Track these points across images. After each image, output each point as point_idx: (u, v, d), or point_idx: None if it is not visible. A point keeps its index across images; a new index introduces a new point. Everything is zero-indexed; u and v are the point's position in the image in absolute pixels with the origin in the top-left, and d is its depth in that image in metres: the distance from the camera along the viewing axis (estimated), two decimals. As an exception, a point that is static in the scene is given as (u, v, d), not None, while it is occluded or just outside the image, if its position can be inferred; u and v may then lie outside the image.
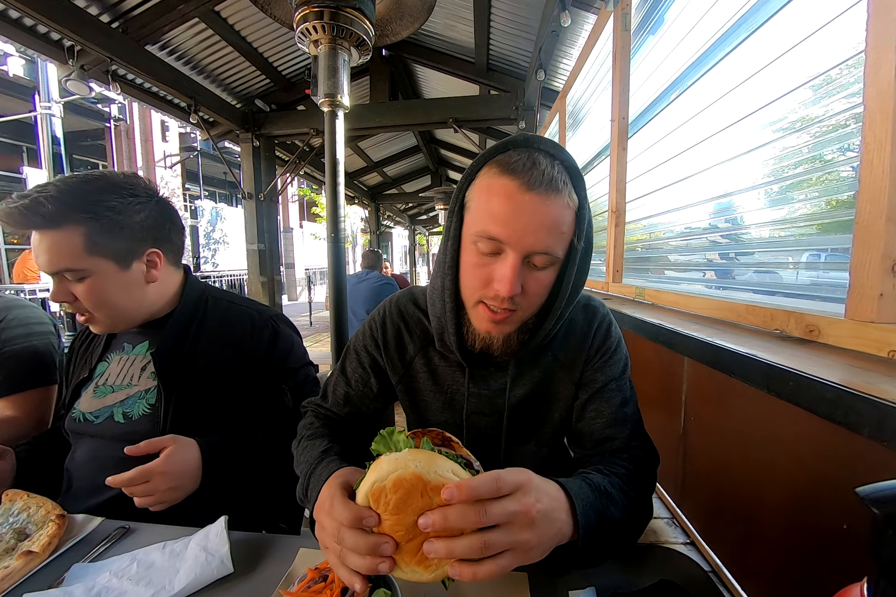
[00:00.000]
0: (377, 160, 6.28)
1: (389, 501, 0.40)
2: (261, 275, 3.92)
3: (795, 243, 0.95)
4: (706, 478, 1.44)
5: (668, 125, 1.46)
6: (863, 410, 0.47)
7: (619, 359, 0.70)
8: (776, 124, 0.96)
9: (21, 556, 0.57)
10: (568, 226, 0.55)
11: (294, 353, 0.93)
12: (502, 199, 0.54)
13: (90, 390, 0.85)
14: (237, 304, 0.93)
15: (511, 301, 0.56)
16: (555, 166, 0.54)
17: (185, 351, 0.84)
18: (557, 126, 3.02)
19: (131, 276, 0.79)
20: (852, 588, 0.25)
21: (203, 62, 2.96)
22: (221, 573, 0.55)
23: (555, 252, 0.55)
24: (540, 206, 0.53)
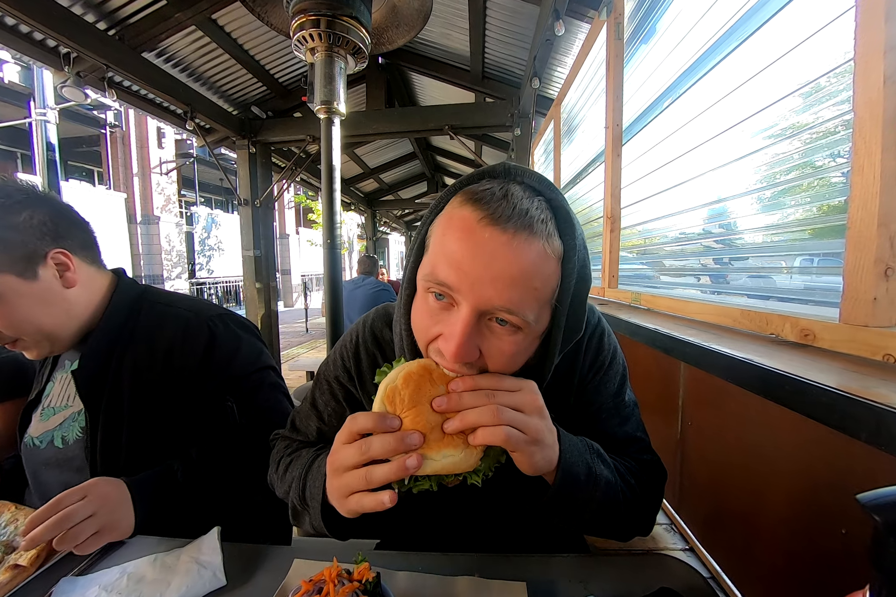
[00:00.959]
0: (373, 167, 6.31)
1: (404, 397, 0.42)
2: (256, 281, 3.91)
3: (788, 248, 0.96)
4: (704, 483, 1.44)
5: (661, 132, 1.48)
6: (860, 414, 0.47)
7: (614, 373, 0.63)
8: (767, 131, 0.97)
9: (8, 569, 0.56)
10: (544, 280, 0.42)
11: (239, 358, 0.80)
12: (459, 233, 0.42)
13: (38, 413, 0.79)
14: (174, 306, 0.81)
15: (467, 366, 0.45)
16: (534, 201, 0.42)
17: (110, 367, 0.74)
18: (552, 133, 3.05)
19: (43, 285, 0.68)
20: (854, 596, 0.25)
21: (199, 69, 2.98)
22: (214, 586, 0.54)
23: (521, 313, 0.42)
24: (504, 246, 0.40)
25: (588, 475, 0.49)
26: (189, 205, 11.64)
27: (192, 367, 0.76)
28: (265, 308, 3.97)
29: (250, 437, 0.78)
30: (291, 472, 0.60)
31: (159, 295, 0.84)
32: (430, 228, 0.47)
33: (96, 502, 0.60)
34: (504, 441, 0.41)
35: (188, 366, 0.76)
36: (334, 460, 0.44)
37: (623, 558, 0.62)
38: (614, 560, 0.60)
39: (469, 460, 0.42)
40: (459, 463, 0.41)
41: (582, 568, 0.58)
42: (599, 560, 0.60)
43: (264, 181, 3.91)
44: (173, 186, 9.87)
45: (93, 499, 0.60)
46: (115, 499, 0.62)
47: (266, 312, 3.96)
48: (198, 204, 11.97)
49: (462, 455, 0.41)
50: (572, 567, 0.58)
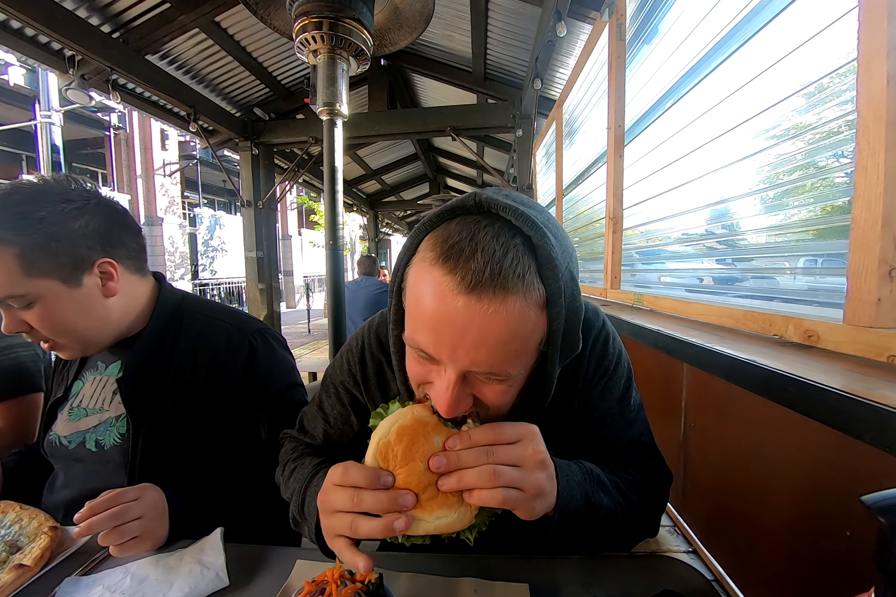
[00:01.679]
0: (375, 168, 6.33)
1: (397, 453, 0.41)
2: (259, 282, 3.92)
3: (792, 249, 0.96)
4: (707, 486, 1.43)
5: (663, 133, 1.48)
6: (864, 416, 0.46)
7: (619, 377, 0.61)
8: (770, 132, 0.97)
9: (12, 569, 0.56)
10: (526, 336, 0.41)
11: (274, 375, 0.82)
12: (431, 302, 0.40)
13: (65, 412, 0.79)
14: (215, 318, 0.81)
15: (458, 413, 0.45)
16: (510, 250, 0.38)
17: (155, 376, 0.75)
18: (554, 134, 3.05)
19: (85, 292, 0.69)
20: (859, 599, 0.25)
21: (203, 72, 2.99)
22: (217, 587, 0.54)
23: (504, 373, 0.42)
24: (479, 314, 0.38)
25: (588, 507, 0.49)
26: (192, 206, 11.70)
27: (232, 381, 0.77)
28: (268, 309, 3.98)
29: (274, 454, 0.78)
30: (293, 482, 0.60)
31: (199, 304, 0.85)
32: (405, 272, 0.45)
33: (147, 506, 0.61)
34: (502, 503, 0.40)
35: (229, 380, 0.77)
36: (324, 501, 0.44)
37: (626, 560, 0.61)
38: (617, 562, 0.60)
39: (463, 520, 0.40)
40: (453, 523, 0.40)
41: (585, 570, 0.57)
42: (602, 562, 0.60)
43: (267, 183, 3.92)
44: (177, 188, 9.92)
45: (144, 503, 0.61)
46: (160, 507, 0.63)
47: (269, 313, 3.98)
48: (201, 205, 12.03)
49: (456, 515, 0.40)
50: (575, 569, 0.57)
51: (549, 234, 0.40)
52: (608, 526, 0.51)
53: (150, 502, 0.62)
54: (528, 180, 3.36)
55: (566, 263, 0.42)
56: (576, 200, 2.68)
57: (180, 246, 9.99)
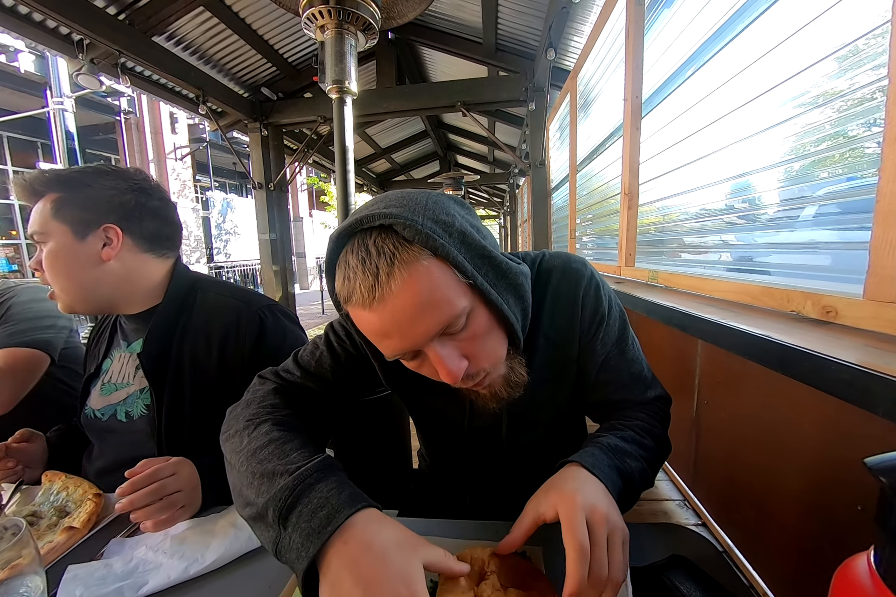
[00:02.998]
0: (385, 147, 6.24)
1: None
2: (273, 264, 3.97)
3: (816, 223, 0.93)
4: (719, 461, 1.45)
5: (683, 103, 1.42)
6: (878, 389, 0.46)
7: (614, 321, 0.64)
8: (798, 99, 0.92)
9: (63, 531, 0.61)
10: (441, 282, 0.45)
11: (285, 347, 0.82)
12: (364, 327, 0.48)
13: (98, 388, 0.86)
14: (225, 295, 0.86)
15: (468, 377, 0.50)
16: (380, 249, 0.44)
17: (171, 350, 0.81)
18: (568, 107, 2.95)
19: (85, 248, 0.77)
20: (859, 557, 0.26)
21: (210, 52, 2.95)
22: (249, 547, 0.58)
23: (452, 317, 0.46)
24: (392, 309, 0.44)
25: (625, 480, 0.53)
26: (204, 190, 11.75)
27: (244, 354, 0.81)
28: (282, 290, 4.05)
29: None
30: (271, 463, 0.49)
31: (211, 284, 0.89)
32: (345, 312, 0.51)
33: (183, 480, 0.64)
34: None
35: (240, 353, 0.81)
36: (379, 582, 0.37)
37: (636, 527, 0.63)
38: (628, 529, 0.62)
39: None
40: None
41: (596, 535, 0.60)
42: (613, 529, 0.62)
43: (277, 164, 3.91)
44: (188, 172, 9.94)
45: (181, 477, 0.64)
46: (195, 480, 0.66)
47: (283, 295, 4.04)
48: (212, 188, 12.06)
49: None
50: (586, 535, 0.60)
51: (392, 211, 0.45)
52: (643, 480, 0.56)
53: (186, 477, 0.65)
54: (541, 156, 3.27)
55: (422, 214, 0.46)
56: (590, 175, 2.61)
57: (195, 230, 10.10)
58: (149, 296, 0.84)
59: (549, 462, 0.57)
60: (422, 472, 0.93)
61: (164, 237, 0.85)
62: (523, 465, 0.73)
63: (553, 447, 0.72)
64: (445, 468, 0.83)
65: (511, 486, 0.72)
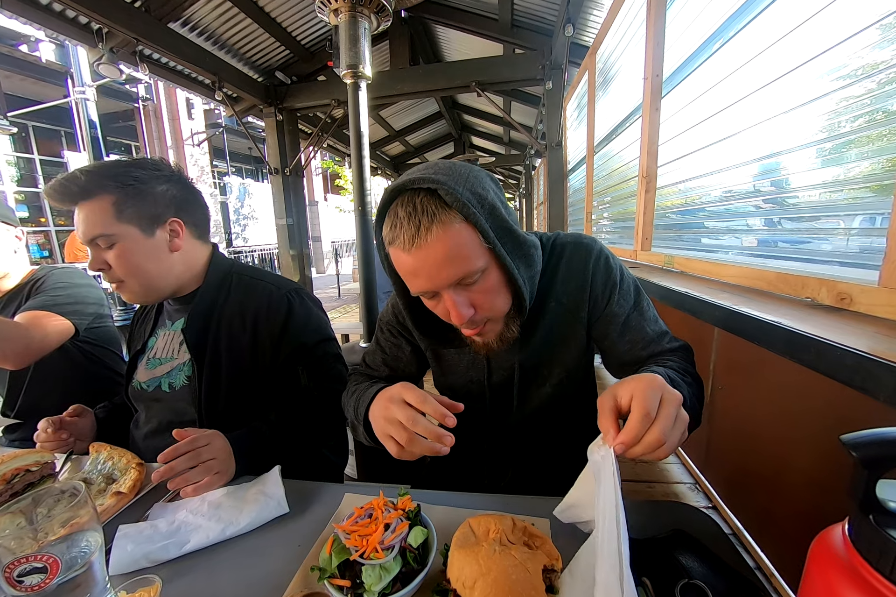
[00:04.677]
0: (399, 129, 6.17)
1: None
2: (291, 249, 4.03)
3: (847, 208, 0.88)
4: (731, 446, 1.46)
5: (707, 81, 1.36)
6: (881, 375, 0.47)
7: (628, 287, 0.73)
8: (834, 74, 0.86)
9: (112, 496, 0.67)
10: (466, 241, 0.56)
11: (309, 328, 0.92)
12: (400, 266, 0.60)
13: (144, 363, 0.94)
14: (258, 279, 0.94)
15: (472, 322, 0.62)
16: (424, 208, 0.55)
17: (211, 328, 0.88)
18: (586, 86, 2.86)
19: (156, 242, 0.83)
20: (834, 527, 0.28)
21: (224, 36, 2.95)
22: (279, 512, 0.63)
23: (469, 271, 0.57)
24: (426, 257, 0.56)
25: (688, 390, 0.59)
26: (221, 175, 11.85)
27: (274, 333, 0.88)
28: (300, 275, 4.12)
29: (315, 399, 0.90)
30: (356, 398, 0.71)
31: (245, 268, 0.97)
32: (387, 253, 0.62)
33: (217, 449, 0.71)
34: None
35: (270, 332, 0.88)
36: (387, 408, 0.55)
37: (642, 504, 0.66)
38: (633, 505, 0.64)
39: None
40: None
41: (601, 510, 0.63)
42: (618, 505, 0.65)
43: (293, 149, 3.92)
44: (206, 158, 10.03)
45: (214, 447, 0.71)
46: (227, 450, 0.73)
47: (301, 279, 4.12)
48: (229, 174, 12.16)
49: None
50: (592, 509, 0.63)
51: (440, 178, 0.55)
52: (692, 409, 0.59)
53: (219, 446, 0.72)
54: (558, 137, 3.20)
55: (463, 185, 0.56)
56: (608, 156, 2.55)
57: (214, 215, 10.09)
58: (195, 279, 0.92)
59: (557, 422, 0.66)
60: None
61: (206, 223, 0.94)
62: (533, 424, 0.80)
63: (560, 407, 0.80)
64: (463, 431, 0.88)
65: (522, 448, 0.81)
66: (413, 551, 0.48)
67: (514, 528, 0.48)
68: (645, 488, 1.74)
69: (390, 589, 0.45)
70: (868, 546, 0.24)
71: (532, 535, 0.48)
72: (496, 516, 0.50)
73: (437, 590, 0.46)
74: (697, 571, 0.46)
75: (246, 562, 0.55)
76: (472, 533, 0.48)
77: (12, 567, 0.42)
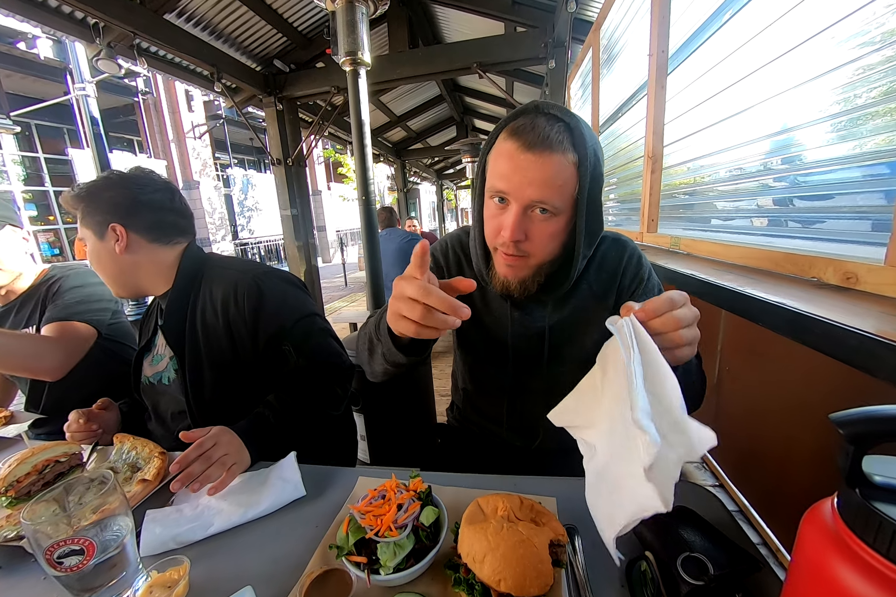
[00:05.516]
0: (400, 114, 6.08)
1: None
2: (296, 239, 4.04)
3: (862, 185, 0.85)
4: (738, 426, 1.47)
5: (716, 55, 1.32)
6: (882, 354, 0.48)
7: (653, 284, 0.78)
8: (852, 41, 0.81)
9: (138, 483, 0.71)
10: (566, 180, 0.61)
11: (286, 308, 0.92)
12: (505, 159, 0.62)
13: (149, 359, 1.00)
14: (226, 268, 0.95)
15: (516, 247, 0.65)
16: (554, 127, 0.60)
17: (187, 322, 0.91)
18: (590, 64, 2.79)
19: (106, 246, 0.90)
20: (825, 501, 0.29)
21: (220, 25, 2.91)
22: (296, 496, 0.67)
23: (552, 202, 0.61)
24: (535, 163, 0.59)
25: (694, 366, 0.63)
26: (224, 167, 11.83)
27: (247, 318, 0.89)
28: (306, 265, 4.14)
29: (308, 376, 0.91)
30: (373, 320, 0.74)
31: (217, 260, 0.99)
32: (486, 158, 0.67)
33: (226, 445, 0.73)
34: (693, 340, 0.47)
35: (243, 317, 0.89)
36: (398, 285, 0.49)
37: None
38: None
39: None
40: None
41: (606, 489, 0.65)
42: (623, 484, 0.67)
43: (294, 139, 3.90)
44: (208, 150, 10.00)
45: (222, 443, 0.73)
46: (237, 442, 0.75)
47: (307, 269, 4.14)
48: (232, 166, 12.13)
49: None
50: (597, 488, 0.65)
51: (580, 124, 0.62)
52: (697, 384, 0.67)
53: (227, 442, 0.73)
54: (562, 119, 3.13)
55: (592, 142, 0.62)
56: (614, 136, 2.50)
57: (218, 208, 10.27)
58: (167, 278, 0.94)
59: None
60: (449, 425, 1.01)
61: (169, 225, 0.94)
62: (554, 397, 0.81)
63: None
64: (485, 395, 0.92)
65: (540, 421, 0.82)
66: (425, 529, 0.51)
67: (521, 505, 0.51)
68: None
69: (404, 564, 0.48)
70: (854, 517, 0.25)
71: (539, 512, 0.50)
72: (504, 494, 0.52)
73: (448, 565, 0.48)
74: (698, 544, 0.48)
75: (267, 542, 0.59)
76: (480, 511, 0.50)
77: (52, 550, 0.45)
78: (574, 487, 0.65)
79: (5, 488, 0.70)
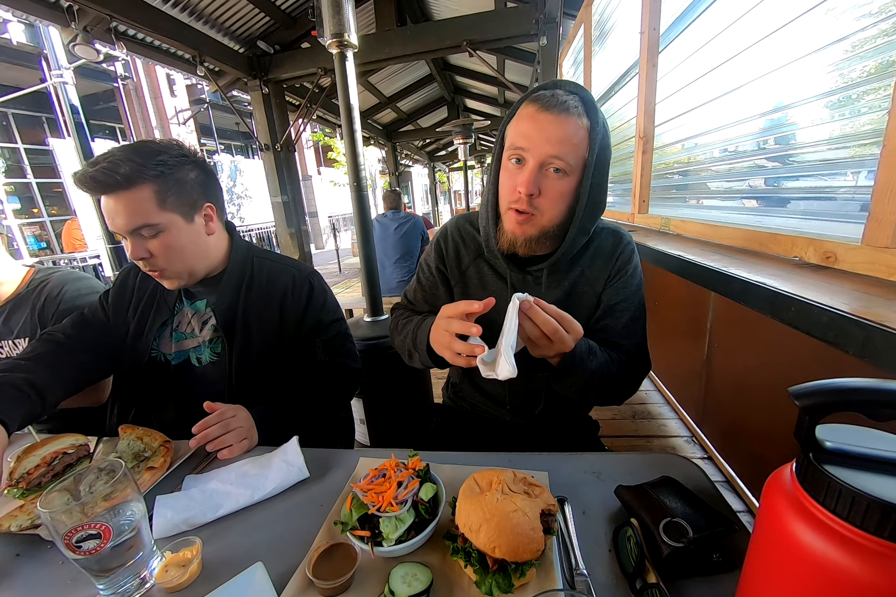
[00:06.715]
0: (389, 95, 5.95)
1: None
2: (288, 227, 4.01)
3: (857, 165, 0.84)
4: (727, 400, 1.53)
5: (708, 31, 1.30)
6: (852, 331, 0.50)
7: (634, 280, 0.82)
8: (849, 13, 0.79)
9: (146, 471, 0.73)
10: (579, 140, 0.69)
11: (326, 307, 1.00)
12: (526, 119, 0.70)
13: (167, 334, 0.96)
14: (279, 263, 1.01)
15: (530, 203, 0.71)
16: (571, 97, 0.69)
17: (238, 306, 0.93)
18: (583, 40, 2.73)
19: (195, 228, 0.87)
20: (785, 467, 0.32)
21: (200, 6, 2.80)
22: (300, 477, 0.70)
23: (567, 159, 0.68)
24: (553, 123, 0.68)
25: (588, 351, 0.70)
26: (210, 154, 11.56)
27: (298, 311, 0.96)
28: (300, 252, 4.12)
29: (326, 373, 0.98)
30: (406, 328, 0.85)
31: (262, 251, 1.03)
32: (507, 127, 0.74)
33: (242, 419, 0.80)
34: (553, 332, 0.62)
35: (295, 310, 0.96)
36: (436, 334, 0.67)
37: (633, 455, 0.71)
38: (625, 457, 0.70)
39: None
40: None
41: (596, 462, 0.68)
42: (612, 457, 0.71)
43: (282, 123, 3.82)
44: (193, 136, 9.76)
45: (240, 417, 0.80)
46: (251, 420, 0.81)
47: (301, 256, 4.12)
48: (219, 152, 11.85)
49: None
50: (588, 462, 0.69)
51: (593, 99, 0.70)
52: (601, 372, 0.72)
53: (243, 417, 0.80)
54: (554, 98, 3.08)
55: (602, 116, 0.71)
56: (606, 115, 2.44)
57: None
58: (222, 261, 0.96)
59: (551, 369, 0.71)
60: (445, 405, 1.05)
61: (223, 204, 0.97)
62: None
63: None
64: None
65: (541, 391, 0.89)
66: (424, 503, 0.54)
67: (514, 479, 0.54)
68: (644, 443, 1.83)
69: (406, 537, 0.51)
70: (808, 479, 0.28)
71: (531, 484, 0.54)
72: (498, 470, 0.55)
73: (447, 536, 0.52)
74: (679, 510, 0.52)
75: (275, 521, 0.62)
76: (476, 485, 0.53)
77: (70, 535, 0.47)
78: (565, 461, 0.69)
79: (16, 479, 0.72)
